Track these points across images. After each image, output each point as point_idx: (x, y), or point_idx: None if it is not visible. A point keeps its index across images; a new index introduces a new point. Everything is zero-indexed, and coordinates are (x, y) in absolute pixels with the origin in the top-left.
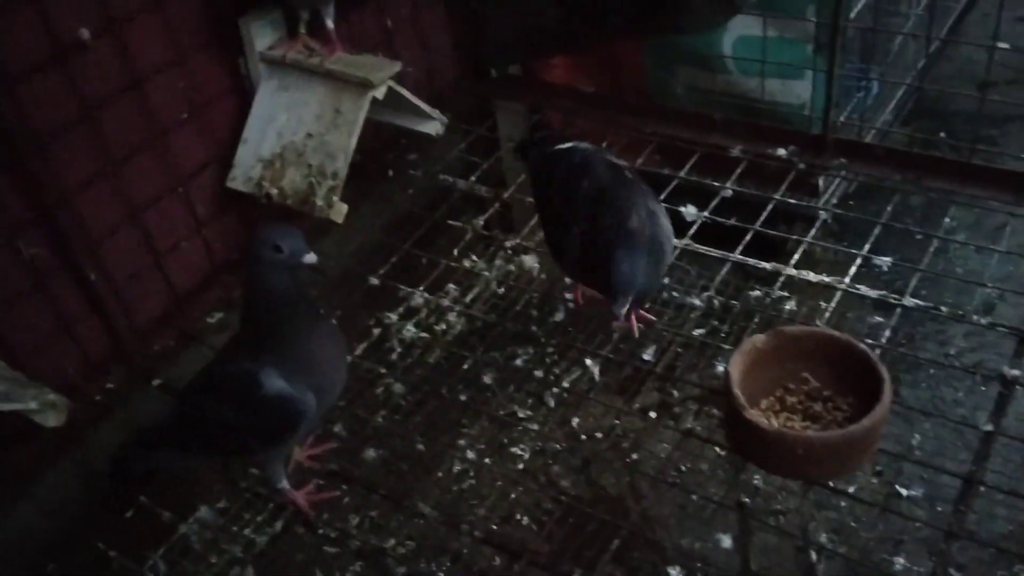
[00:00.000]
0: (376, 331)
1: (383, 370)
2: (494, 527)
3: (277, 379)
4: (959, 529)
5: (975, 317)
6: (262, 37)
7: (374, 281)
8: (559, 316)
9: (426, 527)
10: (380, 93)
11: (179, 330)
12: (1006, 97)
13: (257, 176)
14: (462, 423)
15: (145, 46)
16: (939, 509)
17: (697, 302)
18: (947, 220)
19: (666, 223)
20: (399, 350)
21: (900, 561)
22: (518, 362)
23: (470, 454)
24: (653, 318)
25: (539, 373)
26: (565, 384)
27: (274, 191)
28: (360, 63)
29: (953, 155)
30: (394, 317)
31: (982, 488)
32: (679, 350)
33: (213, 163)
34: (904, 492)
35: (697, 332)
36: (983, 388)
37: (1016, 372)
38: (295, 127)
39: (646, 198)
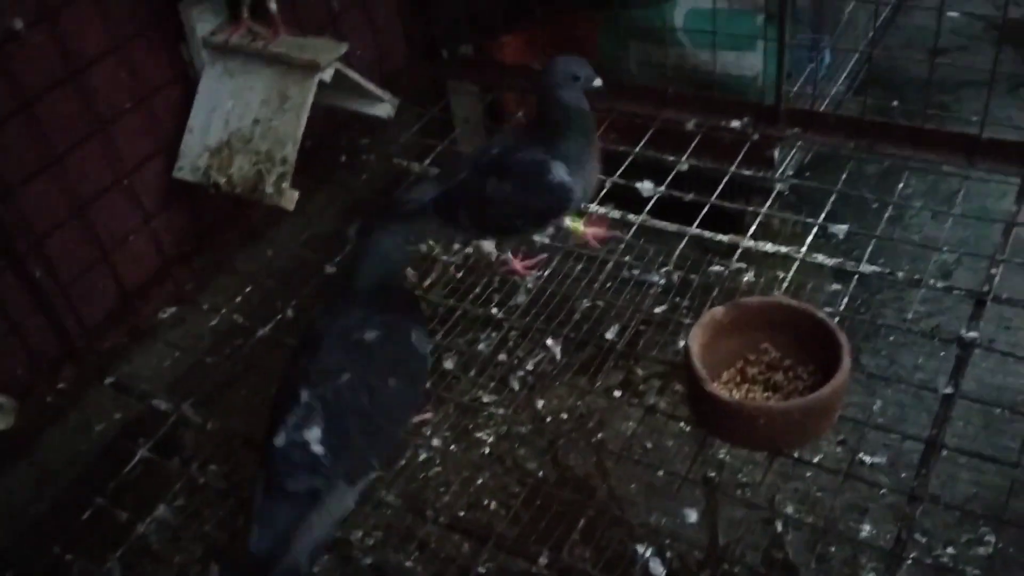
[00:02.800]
0: None
1: None
2: (461, 513)
3: (563, 170)
4: (922, 493)
5: (932, 281)
6: (203, 22)
7: (330, 269)
8: (520, 299)
9: (393, 516)
10: (327, 75)
11: (131, 326)
12: (957, 63)
13: (204, 165)
14: (426, 410)
15: (82, 35)
16: (903, 475)
17: (656, 278)
18: (902, 187)
19: None
20: None
21: (866, 528)
22: (481, 347)
23: (435, 441)
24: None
25: (503, 357)
26: (529, 367)
27: (222, 180)
28: (306, 45)
29: (906, 122)
30: None
31: (944, 452)
32: (641, 327)
33: (159, 154)
34: (868, 459)
35: (658, 309)
36: (942, 352)
37: (973, 334)
38: (241, 113)
39: None
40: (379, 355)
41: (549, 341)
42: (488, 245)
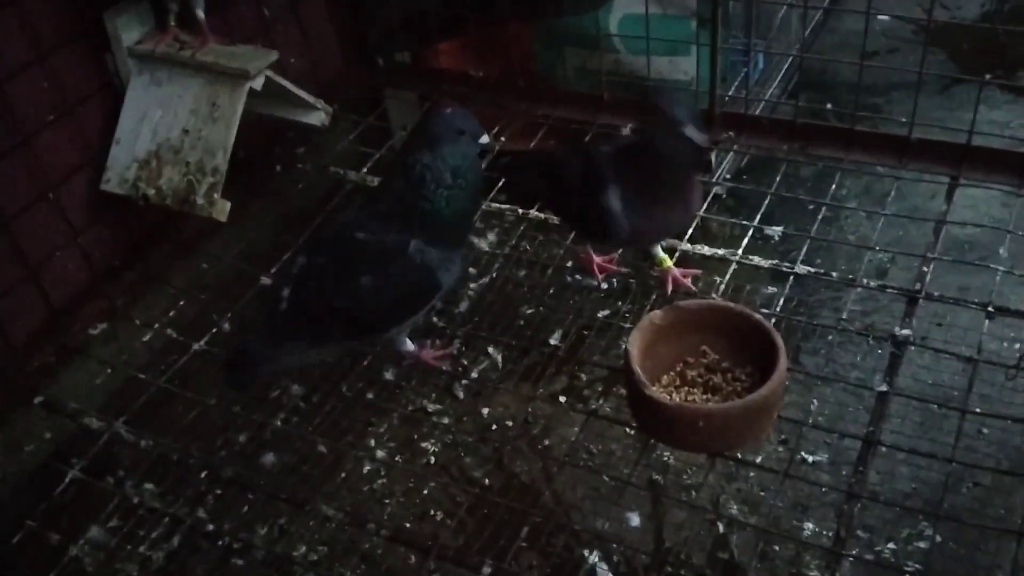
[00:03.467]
0: None
1: None
2: (407, 524)
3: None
4: (860, 490)
5: (867, 281)
6: (129, 31)
7: (266, 281)
8: (463, 307)
9: (336, 530)
10: (257, 84)
11: (60, 344)
12: (888, 66)
13: (132, 177)
14: (370, 422)
15: (2, 45)
16: (843, 472)
17: (598, 283)
18: (837, 189)
19: None
20: None
21: (808, 526)
22: None
23: (380, 453)
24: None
25: (446, 365)
26: (474, 375)
27: (151, 191)
28: (235, 54)
29: (839, 124)
30: None
31: (883, 449)
32: (584, 332)
33: (85, 166)
34: (809, 458)
35: (601, 314)
36: (878, 351)
37: (907, 332)
38: (170, 124)
39: None
40: (362, 253)
41: (490, 348)
42: None
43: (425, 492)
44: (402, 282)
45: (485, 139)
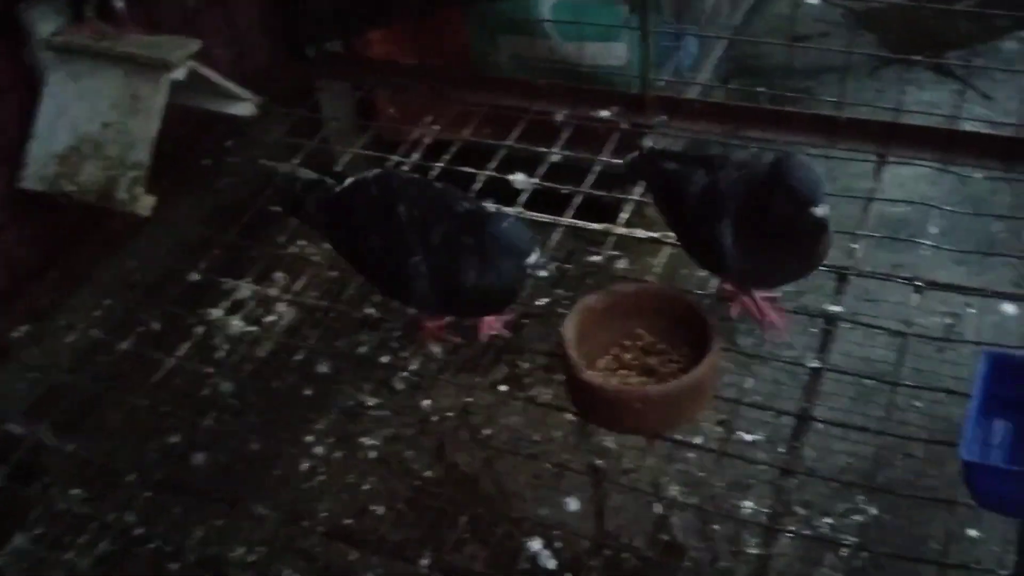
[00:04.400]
0: (199, 329)
1: (209, 369)
2: (348, 521)
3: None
4: (795, 465)
5: None
6: (45, 23)
7: (195, 277)
8: None
9: (275, 530)
10: (180, 74)
11: None
12: (818, 49)
13: (52, 173)
14: (308, 418)
15: None
16: (780, 450)
17: (537, 271)
18: None
19: None
20: (226, 347)
21: (748, 504)
22: (363, 349)
23: (318, 449)
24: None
25: (385, 359)
26: (413, 367)
27: (72, 188)
28: (156, 44)
29: (771, 106)
30: (218, 313)
31: (820, 425)
32: (524, 320)
33: (1, 164)
34: (748, 437)
35: (540, 301)
36: (811, 328)
37: (837, 308)
38: (90, 117)
39: None
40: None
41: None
42: None
43: (365, 487)
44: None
45: (534, 258)
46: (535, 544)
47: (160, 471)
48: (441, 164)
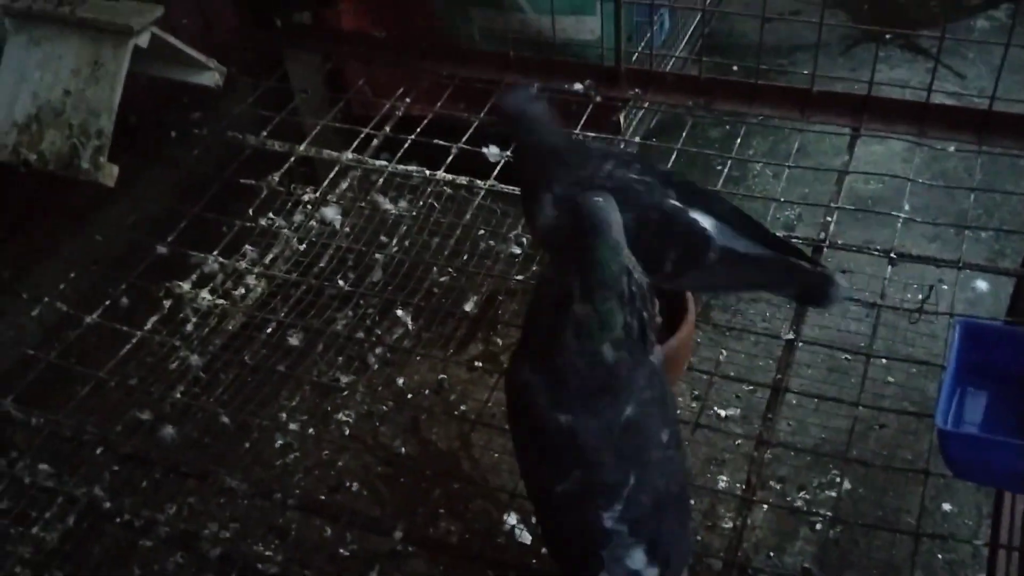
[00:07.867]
0: (167, 303)
1: (177, 342)
2: (322, 497)
3: None
4: (769, 437)
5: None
6: None
7: (162, 250)
8: (377, 275)
9: (250, 506)
10: (143, 41)
11: None
12: (791, 28)
13: (12, 142)
14: (281, 394)
15: None
16: (755, 424)
17: (512, 248)
18: (745, 148)
19: None
20: (194, 320)
21: (723, 478)
22: (338, 326)
23: (292, 426)
24: None
25: (360, 335)
26: (389, 342)
27: (33, 157)
28: (117, 9)
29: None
30: (186, 286)
31: (794, 400)
32: (500, 297)
33: None
34: (723, 412)
35: (519, 277)
36: (786, 303)
37: None
38: (51, 85)
39: None
40: None
41: (400, 312)
42: (331, 212)
43: (340, 463)
44: None
45: None
46: (511, 518)
47: (128, 445)
48: (412, 137)
